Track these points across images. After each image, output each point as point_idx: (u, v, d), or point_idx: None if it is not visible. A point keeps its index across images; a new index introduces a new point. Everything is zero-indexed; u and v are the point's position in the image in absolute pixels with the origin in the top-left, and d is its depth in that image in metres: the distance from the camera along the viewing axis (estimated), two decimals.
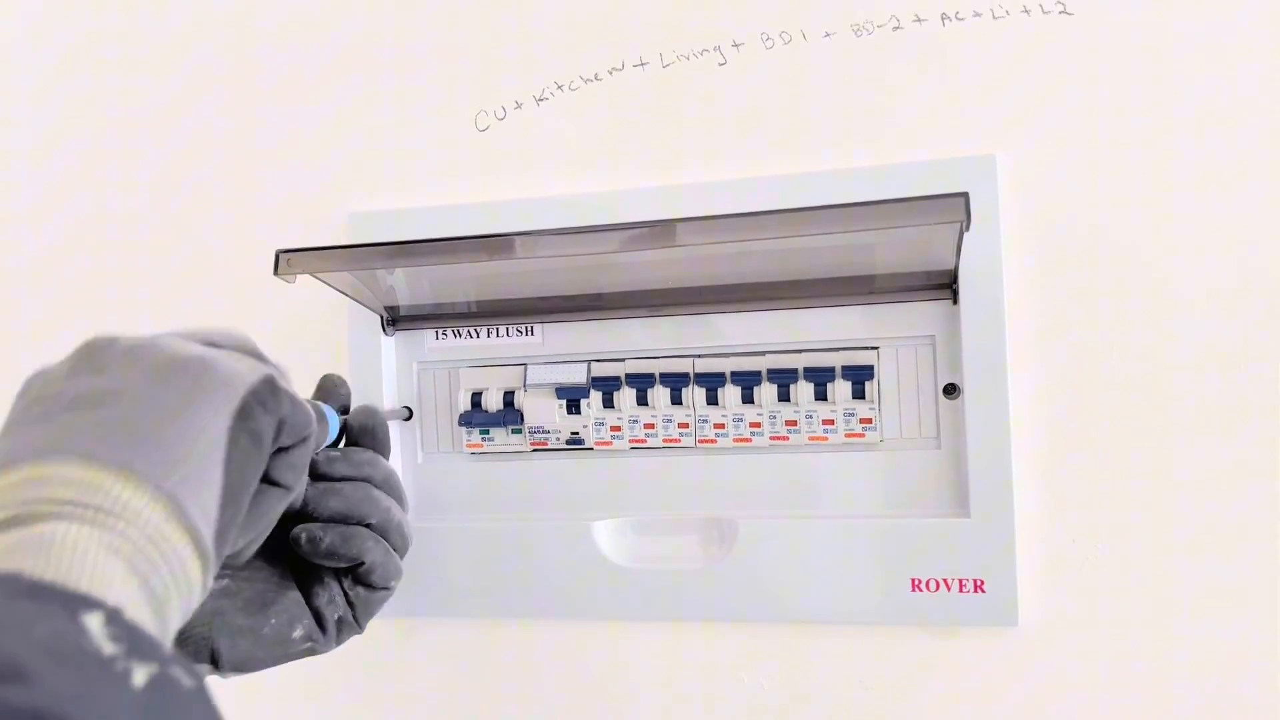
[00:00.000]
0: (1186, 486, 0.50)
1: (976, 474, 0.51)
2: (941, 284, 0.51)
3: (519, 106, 0.58)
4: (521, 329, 0.58)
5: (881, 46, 0.53)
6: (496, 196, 0.58)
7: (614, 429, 0.56)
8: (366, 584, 0.47)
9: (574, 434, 0.57)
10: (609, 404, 0.56)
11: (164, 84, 0.64)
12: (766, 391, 0.54)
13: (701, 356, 0.56)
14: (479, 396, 0.58)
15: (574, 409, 0.57)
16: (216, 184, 0.63)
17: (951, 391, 0.52)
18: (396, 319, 0.59)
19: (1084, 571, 0.51)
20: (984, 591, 0.51)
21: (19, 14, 0.66)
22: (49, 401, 0.32)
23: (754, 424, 0.55)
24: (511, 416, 0.57)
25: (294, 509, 0.46)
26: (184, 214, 0.63)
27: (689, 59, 0.55)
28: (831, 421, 0.54)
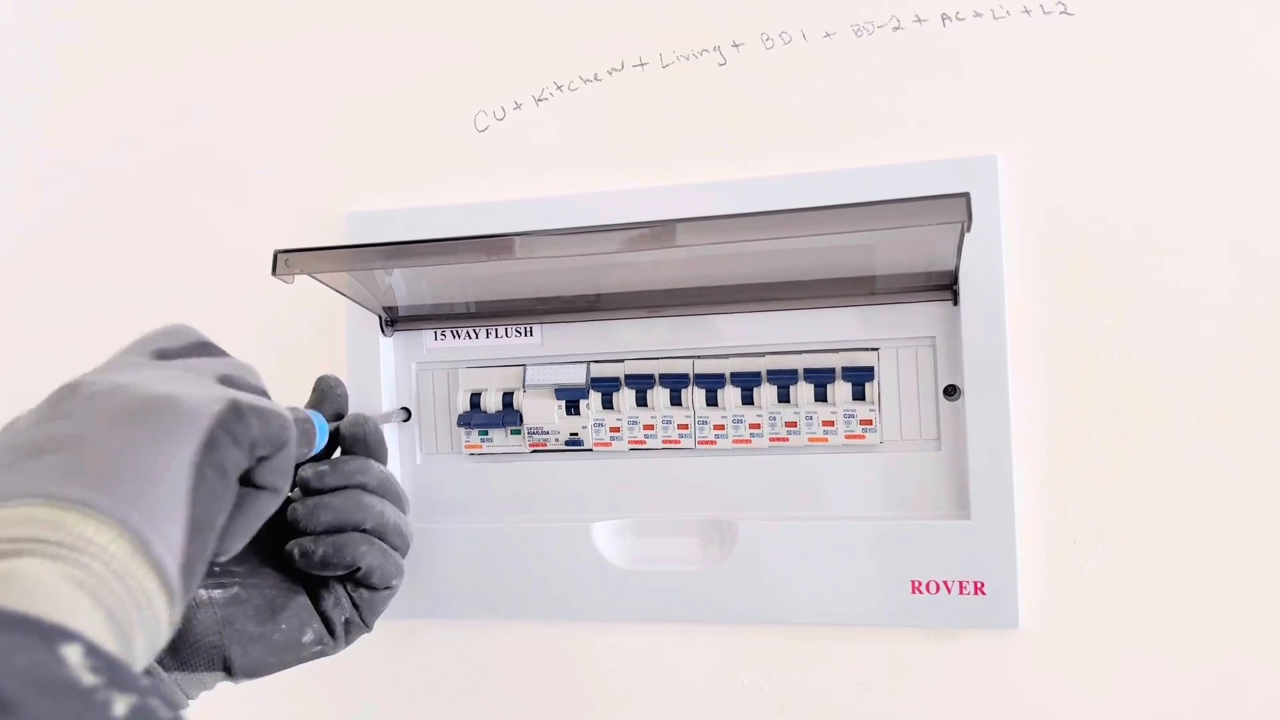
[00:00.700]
0: (1187, 488, 0.50)
1: (977, 475, 0.51)
2: (942, 285, 0.51)
3: (518, 107, 0.58)
4: (521, 330, 0.57)
5: (882, 47, 0.53)
6: (495, 196, 0.58)
7: (613, 430, 0.56)
8: (368, 586, 0.48)
9: (573, 435, 0.57)
10: (608, 405, 0.56)
11: (162, 84, 0.63)
12: (766, 393, 0.54)
13: (701, 357, 0.55)
14: (478, 397, 0.58)
15: (573, 410, 0.56)
16: (215, 184, 0.63)
17: (952, 393, 0.52)
18: (395, 319, 0.59)
19: (1085, 574, 0.51)
20: (984, 594, 0.51)
21: (16, 17, 0.66)
22: (15, 450, 0.32)
23: (754, 425, 0.55)
24: (510, 417, 0.57)
25: (293, 523, 0.46)
26: (182, 214, 0.63)
27: (689, 59, 0.55)
28: (831, 423, 0.54)
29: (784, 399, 0.54)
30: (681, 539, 0.55)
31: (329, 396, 0.49)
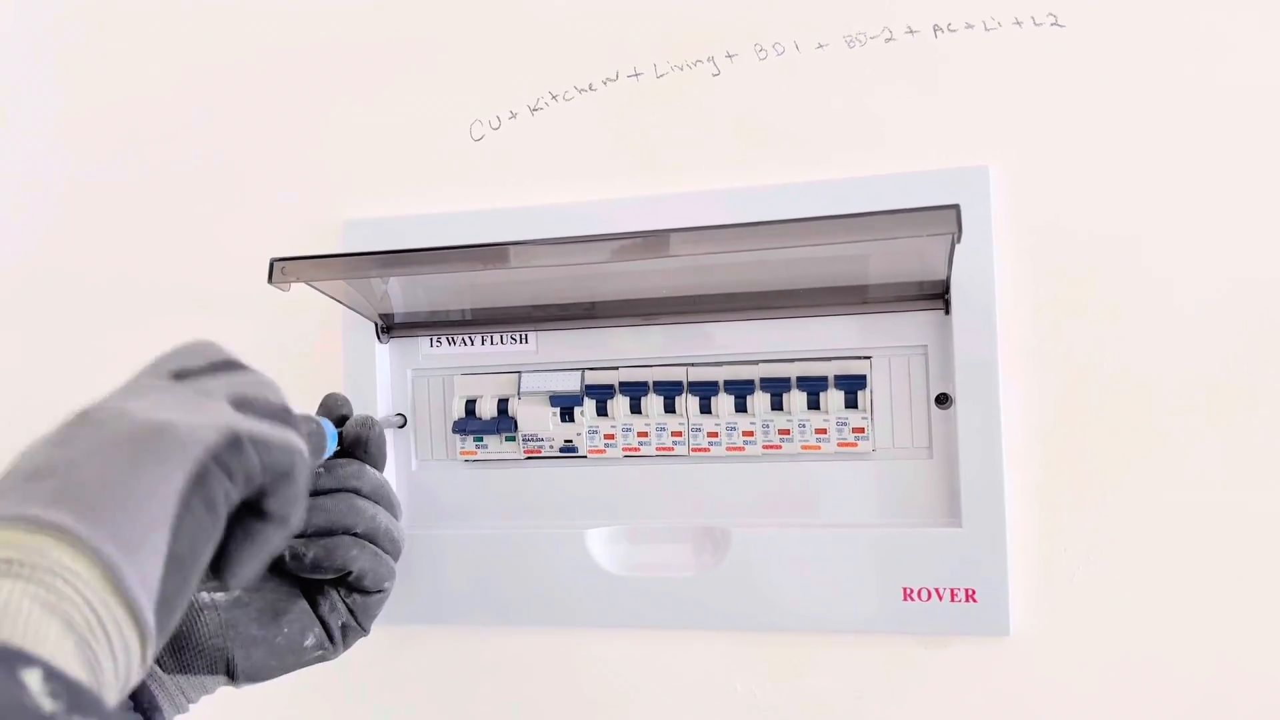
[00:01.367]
0: (1177, 496, 0.50)
1: (968, 483, 0.51)
2: (934, 294, 0.52)
3: (514, 116, 0.58)
4: (516, 337, 0.58)
5: (874, 58, 0.53)
6: (491, 205, 0.58)
7: (607, 437, 0.56)
8: (360, 590, 0.49)
9: (568, 442, 0.57)
10: (602, 412, 0.56)
11: (160, 93, 0.64)
12: (760, 400, 0.54)
13: (695, 365, 0.56)
14: (473, 404, 0.58)
15: (568, 417, 0.57)
16: (213, 191, 0.63)
17: (944, 401, 0.53)
18: (391, 326, 0.59)
19: (1075, 581, 0.52)
20: (975, 601, 0.51)
21: (13, 29, 0.66)
22: (17, 474, 0.32)
23: (747, 433, 0.55)
24: (505, 424, 0.57)
25: None
26: (180, 221, 0.63)
27: (683, 69, 0.56)
28: (824, 430, 0.54)
29: (777, 407, 0.54)
30: (675, 546, 0.56)
31: (333, 414, 0.50)
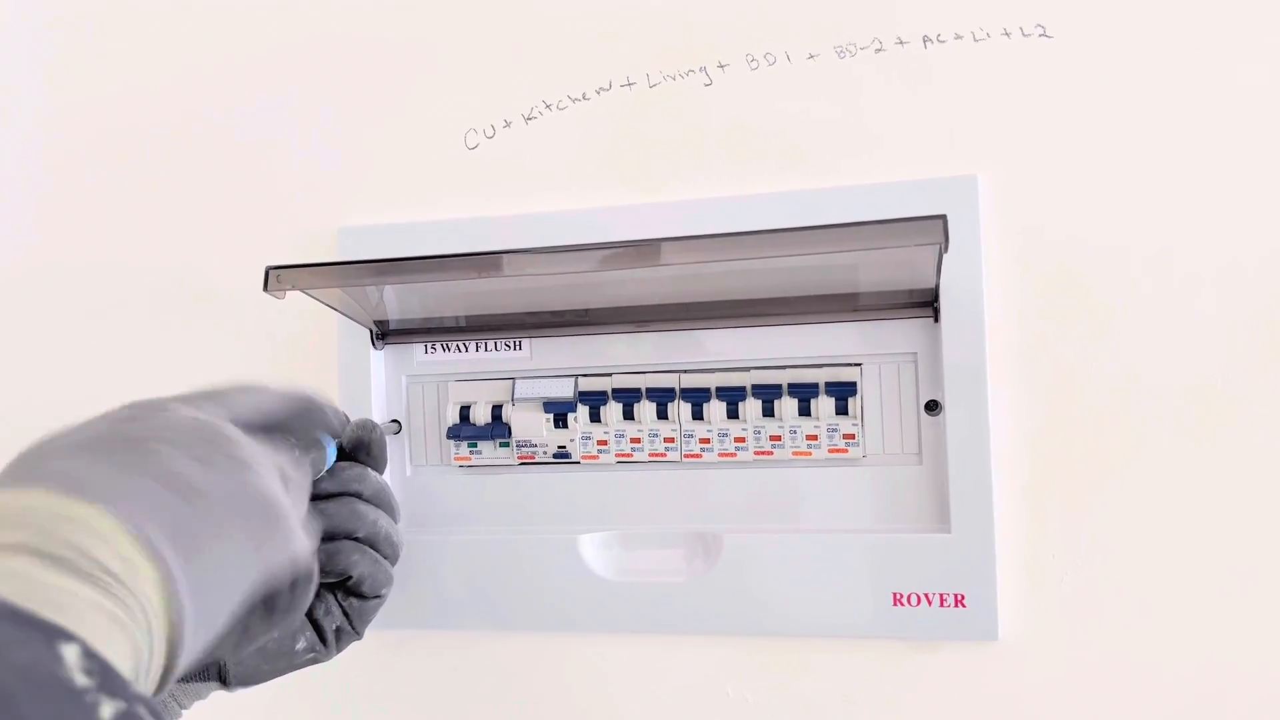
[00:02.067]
0: (1165, 502, 0.51)
1: (957, 489, 0.52)
2: (923, 302, 0.52)
3: (508, 125, 0.59)
4: (510, 344, 0.58)
5: (864, 68, 0.54)
6: (485, 213, 0.58)
7: (600, 443, 0.57)
8: (358, 594, 0.49)
9: (561, 448, 0.57)
10: (596, 418, 0.57)
11: (155, 98, 0.64)
12: (751, 407, 0.55)
13: (687, 372, 0.56)
14: (467, 410, 0.58)
15: (561, 423, 0.57)
16: (207, 197, 0.63)
17: (933, 408, 0.53)
18: (386, 333, 0.59)
19: (1063, 586, 0.52)
20: (964, 606, 0.52)
21: (7, 28, 0.67)
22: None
23: (738, 439, 0.55)
24: (499, 430, 0.58)
25: None
26: (174, 229, 0.64)
27: (675, 79, 0.56)
28: (815, 437, 0.54)
29: (768, 413, 0.55)
30: (667, 551, 0.56)
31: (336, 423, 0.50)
